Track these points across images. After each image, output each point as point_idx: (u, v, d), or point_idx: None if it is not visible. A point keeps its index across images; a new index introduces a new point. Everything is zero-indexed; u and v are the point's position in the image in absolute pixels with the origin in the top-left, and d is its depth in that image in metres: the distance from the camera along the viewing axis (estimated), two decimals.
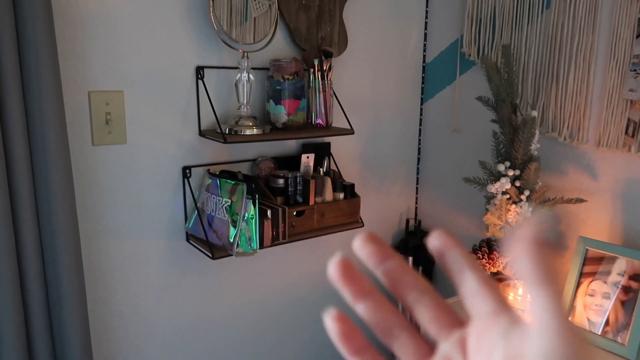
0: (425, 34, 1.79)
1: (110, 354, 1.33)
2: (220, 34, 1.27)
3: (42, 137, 0.99)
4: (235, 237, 1.21)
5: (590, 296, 1.24)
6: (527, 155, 1.34)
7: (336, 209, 1.44)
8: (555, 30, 1.40)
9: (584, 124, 1.37)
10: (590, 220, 1.39)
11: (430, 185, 1.87)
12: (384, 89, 1.73)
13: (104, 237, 1.26)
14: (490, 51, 1.57)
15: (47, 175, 1.00)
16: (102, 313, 1.29)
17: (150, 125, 1.28)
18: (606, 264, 1.24)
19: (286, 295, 1.65)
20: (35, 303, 1.05)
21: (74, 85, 1.16)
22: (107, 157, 1.23)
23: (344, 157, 1.66)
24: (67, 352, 1.10)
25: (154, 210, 1.32)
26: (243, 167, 1.44)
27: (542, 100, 1.45)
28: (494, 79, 1.33)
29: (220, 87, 1.37)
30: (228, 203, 1.24)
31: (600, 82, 1.33)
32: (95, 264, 1.25)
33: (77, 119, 1.18)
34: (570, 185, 1.42)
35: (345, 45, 1.56)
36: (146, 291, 1.35)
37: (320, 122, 1.42)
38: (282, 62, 1.35)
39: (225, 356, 1.55)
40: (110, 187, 1.25)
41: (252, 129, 1.28)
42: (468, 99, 1.67)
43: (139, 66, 1.24)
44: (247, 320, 1.57)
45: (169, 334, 1.42)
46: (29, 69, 0.97)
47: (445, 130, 1.78)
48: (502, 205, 1.34)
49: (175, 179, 1.34)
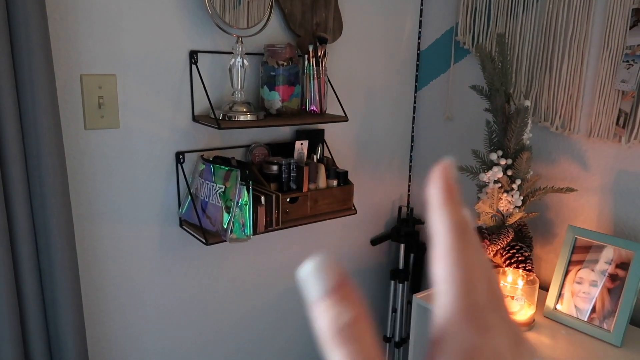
0: (420, 21, 1.79)
1: (104, 337, 1.33)
2: (214, 17, 1.26)
3: (35, 120, 0.98)
4: (229, 223, 1.22)
5: (578, 284, 1.27)
6: (519, 145, 1.35)
7: (329, 196, 1.44)
8: (550, 19, 1.40)
9: (576, 114, 1.39)
10: (579, 210, 1.41)
11: (423, 173, 1.88)
12: (378, 76, 1.73)
13: (97, 221, 1.26)
14: (485, 40, 1.57)
15: (40, 159, 1.00)
16: (95, 297, 1.29)
17: (144, 109, 1.27)
18: (594, 253, 1.26)
19: (279, 281, 1.66)
20: (28, 287, 1.05)
21: (65, 69, 1.15)
22: (99, 141, 1.23)
23: (338, 144, 1.66)
24: (60, 335, 1.10)
25: (147, 196, 1.32)
26: (237, 153, 1.44)
27: (535, 89, 1.46)
28: (488, 68, 1.33)
29: (214, 72, 1.36)
30: (222, 189, 1.24)
31: (592, 72, 1.34)
32: (88, 249, 1.25)
33: (69, 103, 1.17)
34: (561, 175, 1.44)
35: (340, 32, 1.55)
36: (140, 276, 1.36)
37: (315, 108, 1.42)
38: (276, 48, 1.34)
39: (218, 342, 1.56)
40: (103, 172, 1.24)
41: (246, 115, 1.27)
42: (462, 87, 1.67)
43: (132, 49, 1.22)
44: (240, 306, 1.58)
45: (162, 318, 1.43)
46: (20, 51, 0.95)
47: (438, 118, 1.79)
48: (494, 193, 1.35)
49: (168, 165, 1.34)
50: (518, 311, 1.25)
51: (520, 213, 1.37)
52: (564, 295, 1.29)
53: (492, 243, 1.36)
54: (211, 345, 1.55)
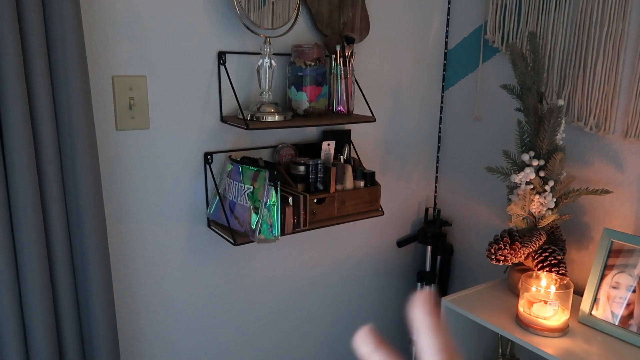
0: (447, 19, 1.76)
1: (133, 336, 1.35)
2: (242, 18, 1.26)
3: (70, 121, 1.00)
4: (257, 224, 1.22)
5: (614, 288, 1.23)
6: (552, 145, 1.32)
7: (357, 197, 1.43)
8: (584, 16, 1.36)
9: (611, 114, 1.34)
10: (615, 212, 1.37)
11: (450, 174, 1.85)
12: (405, 76, 1.71)
13: (127, 221, 1.27)
14: (515, 38, 1.54)
15: (74, 159, 1.01)
16: (125, 296, 1.31)
17: (173, 110, 1.28)
18: (631, 257, 1.22)
19: (305, 282, 1.65)
20: (62, 285, 1.07)
21: (97, 70, 1.16)
22: (130, 142, 1.24)
23: (365, 144, 1.65)
24: (93, 333, 1.12)
25: (176, 196, 1.33)
26: (264, 154, 1.44)
27: (569, 88, 1.42)
28: (519, 67, 1.30)
29: (241, 72, 1.36)
30: (250, 189, 1.24)
31: (629, 70, 1.30)
32: (118, 248, 1.27)
33: (100, 104, 1.18)
34: (596, 176, 1.40)
35: (367, 31, 1.54)
36: (168, 275, 1.37)
37: (342, 109, 1.41)
38: (304, 48, 1.34)
39: (245, 341, 1.56)
40: (133, 172, 1.26)
41: (274, 116, 1.27)
42: (491, 87, 1.64)
43: (161, 51, 1.23)
44: (267, 307, 1.58)
45: (190, 318, 1.44)
46: (56, 52, 0.97)
47: (466, 118, 1.76)
48: (526, 195, 1.32)
49: (196, 165, 1.35)
50: (552, 316, 1.22)
51: (553, 215, 1.33)
52: (599, 300, 1.25)
53: (523, 246, 1.33)
54: (239, 344, 1.55)
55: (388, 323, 1.92)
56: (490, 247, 1.37)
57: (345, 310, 1.78)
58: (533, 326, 1.23)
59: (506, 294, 1.44)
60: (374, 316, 1.86)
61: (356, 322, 1.81)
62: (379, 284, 1.86)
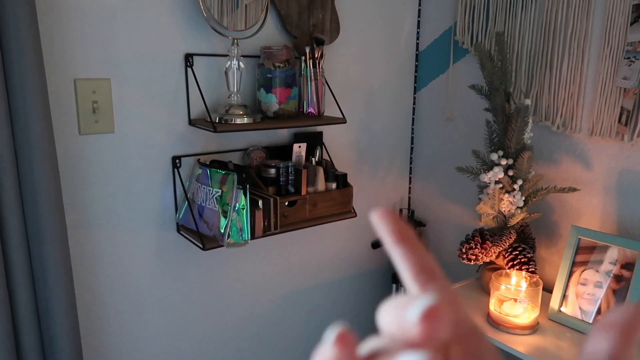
0: (418, 21, 1.77)
1: (102, 344, 1.31)
2: (209, 20, 1.24)
3: (26, 125, 0.96)
4: (226, 228, 1.20)
5: (582, 285, 1.24)
6: (520, 144, 1.33)
7: (328, 199, 1.43)
8: (549, 16, 1.38)
9: (577, 113, 1.36)
10: (582, 210, 1.39)
11: (424, 175, 1.86)
12: (376, 78, 1.71)
13: (93, 227, 1.24)
14: (484, 39, 1.56)
15: (32, 165, 0.98)
16: (92, 304, 1.27)
17: (139, 113, 1.25)
18: (598, 253, 1.23)
19: (278, 286, 1.64)
20: (21, 294, 1.03)
21: (59, 73, 1.13)
22: (94, 146, 1.21)
23: (337, 146, 1.64)
24: (55, 343, 1.08)
25: (144, 201, 1.30)
26: (234, 157, 1.42)
27: (536, 88, 1.44)
28: (487, 67, 1.32)
29: (209, 75, 1.34)
30: (219, 193, 1.22)
31: (593, 70, 1.32)
32: (84, 255, 1.24)
33: (63, 108, 1.15)
34: (563, 175, 1.42)
35: (337, 33, 1.54)
36: (137, 282, 1.34)
37: (312, 111, 1.40)
38: (272, 50, 1.33)
39: (218, 347, 1.54)
40: (99, 177, 1.23)
41: (243, 118, 1.26)
42: (461, 87, 1.66)
43: (126, 53, 1.21)
44: (239, 311, 1.56)
45: (161, 324, 1.41)
46: (10, 55, 0.94)
47: (438, 119, 1.77)
48: (495, 194, 1.33)
49: (164, 169, 1.32)
50: (522, 314, 1.23)
51: (522, 214, 1.35)
52: (568, 297, 1.27)
53: (494, 245, 1.34)
54: (211, 350, 1.53)
55: (363, 324, 1.91)
56: (462, 247, 1.38)
57: (319, 312, 1.77)
58: (503, 324, 1.23)
59: (479, 293, 1.44)
60: (349, 318, 1.85)
61: (331, 324, 1.79)
62: (353, 286, 1.86)
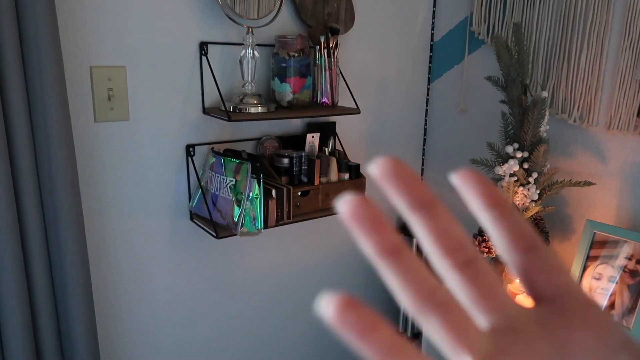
0: (433, 11, 1.75)
1: (115, 331, 1.33)
2: (224, 8, 1.24)
3: (44, 113, 0.97)
4: (239, 217, 1.20)
5: (596, 279, 1.24)
6: (536, 137, 1.32)
7: (341, 190, 1.42)
8: (568, 7, 1.36)
9: (595, 106, 1.35)
10: (598, 204, 1.38)
11: (436, 166, 1.85)
12: (390, 68, 1.70)
13: (107, 214, 1.25)
14: (501, 30, 1.53)
15: (49, 152, 0.99)
16: (105, 291, 1.29)
17: (153, 102, 1.26)
18: (613, 248, 1.22)
19: (290, 275, 1.64)
20: (39, 280, 1.04)
21: (75, 60, 1.13)
22: (109, 133, 1.21)
23: (350, 136, 1.64)
24: (71, 329, 1.10)
25: (158, 189, 1.31)
26: (247, 146, 1.42)
27: (553, 80, 1.42)
28: (504, 59, 1.30)
29: (224, 63, 1.34)
30: (232, 182, 1.23)
31: (612, 62, 1.30)
32: (98, 242, 1.25)
33: (78, 95, 1.16)
34: (579, 168, 1.40)
35: (352, 22, 1.53)
36: (150, 270, 1.35)
37: (326, 100, 1.39)
38: (287, 39, 1.32)
39: (229, 335, 1.55)
40: (113, 165, 1.24)
41: (257, 107, 1.25)
42: (476, 79, 1.64)
43: (141, 41, 1.21)
44: (251, 300, 1.57)
45: (173, 312, 1.42)
46: (29, 43, 0.94)
47: (452, 110, 1.75)
48: (510, 187, 1.32)
49: (178, 157, 1.33)
50: None
51: (537, 207, 1.34)
52: None
53: None
54: (222, 338, 1.54)
55: None
56: (475, 240, 1.37)
57: None
58: None
59: None
60: None
61: None
62: (364, 277, 1.86)
